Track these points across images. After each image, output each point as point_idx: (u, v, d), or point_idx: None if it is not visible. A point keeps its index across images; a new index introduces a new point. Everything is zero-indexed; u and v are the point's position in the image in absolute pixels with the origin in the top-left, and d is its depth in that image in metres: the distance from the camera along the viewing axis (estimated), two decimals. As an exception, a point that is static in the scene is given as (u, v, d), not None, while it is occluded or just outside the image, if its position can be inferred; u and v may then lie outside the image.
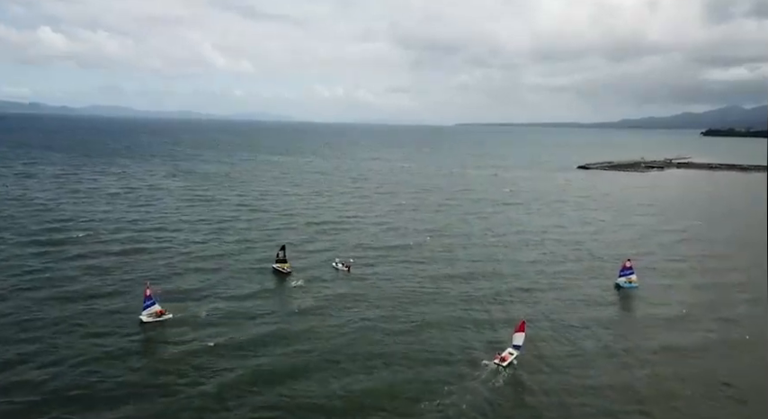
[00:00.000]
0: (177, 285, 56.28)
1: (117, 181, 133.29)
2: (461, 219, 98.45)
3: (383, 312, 50.97)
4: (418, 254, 71.90)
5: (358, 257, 68.29)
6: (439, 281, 60.84)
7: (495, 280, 61.92)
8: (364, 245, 76.28)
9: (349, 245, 75.30)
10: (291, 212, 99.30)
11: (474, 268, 66.63)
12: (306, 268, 64.08)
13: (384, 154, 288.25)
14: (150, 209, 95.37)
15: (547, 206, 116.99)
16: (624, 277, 61.60)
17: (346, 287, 57.81)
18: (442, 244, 78.48)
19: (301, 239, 78.01)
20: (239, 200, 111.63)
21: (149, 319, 46.48)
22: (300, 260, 66.67)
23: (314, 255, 69.65)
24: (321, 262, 66.39)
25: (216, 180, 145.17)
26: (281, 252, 62.15)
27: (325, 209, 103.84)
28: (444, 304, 53.87)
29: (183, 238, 75.50)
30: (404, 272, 63.65)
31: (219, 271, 61.37)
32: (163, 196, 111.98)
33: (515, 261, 70.49)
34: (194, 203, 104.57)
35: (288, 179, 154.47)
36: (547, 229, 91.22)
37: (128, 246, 70.03)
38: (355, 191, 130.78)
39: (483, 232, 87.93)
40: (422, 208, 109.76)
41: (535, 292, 58.34)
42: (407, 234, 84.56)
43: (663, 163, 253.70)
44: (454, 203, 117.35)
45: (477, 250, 75.98)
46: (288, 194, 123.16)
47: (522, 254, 74.43)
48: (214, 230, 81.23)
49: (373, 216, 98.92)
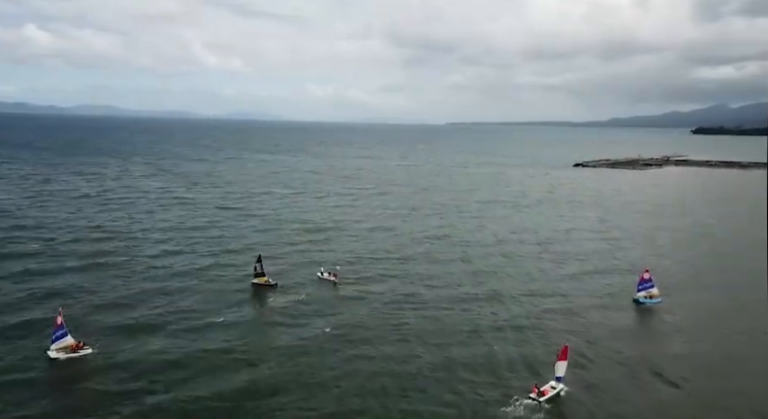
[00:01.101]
0: (128, 310, 46.73)
1: (90, 182, 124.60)
2: (465, 222, 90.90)
3: (382, 341, 42.78)
4: (420, 265, 64.13)
5: (351, 270, 60.78)
6: (444, 298, 53.37)
7: (513, 296, 54.49)
8: (358, 253, 68.57)
9: (339, 253, 67.81)
10: (277, 216, 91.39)
11: (483, 281, 59.17)
12: (290, 279, 56.61)
13: (377, 152, 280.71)
14: (120, 214, 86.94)
15: (554, 207, 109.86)
16: (644, 291, 53.99)
17: (336, 307, 49.95)
18: (447, 251, 70.75)
19: (287, 246, 70.33)
20: (221, 202, 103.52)
21: (60, 355, 37.34)
22: (285, 271, 59.24)
23: (300, 265, 62.05)
24: (308, 273, 58.93)
25: (198, 180, 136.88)
26: (258, 264, 54.50)
27: (314, 212, 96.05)
28: (452, 326, 46.17)
29: (150, 249, 66.79)
30: (404, 289, 55.82)
31: (186, 291, 52.80)
32: (137, 198, 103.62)
33: (530, 272, 62.91)
34: (170, 206, 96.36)
35: (276, 179, 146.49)
36: (559, 233, 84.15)
37: (85, 261, 60.80)
38: (348, 192, 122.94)
39: (490, 237, 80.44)
40: (421, 209, 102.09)
41: (561, 311, 51.04)
42: (406, 240, 76.84)
43: (661, 160, 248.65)
44: (455, 203, 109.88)
45: (483, 259, 68.61)
46: (275, 195, 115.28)
47: (535, 263, 66.90)
48: (188, 238, 72.90)
49: (368, 219, 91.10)
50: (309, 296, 52.29)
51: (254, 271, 54.36)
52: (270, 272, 55.73)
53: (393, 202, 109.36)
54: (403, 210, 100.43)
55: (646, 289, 54.16)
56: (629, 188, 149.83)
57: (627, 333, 46.68)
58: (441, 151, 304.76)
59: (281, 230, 79.94)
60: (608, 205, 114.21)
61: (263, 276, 54.15)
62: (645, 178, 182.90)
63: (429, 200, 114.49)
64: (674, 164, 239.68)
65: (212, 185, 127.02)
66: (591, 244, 77.69)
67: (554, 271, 63.71)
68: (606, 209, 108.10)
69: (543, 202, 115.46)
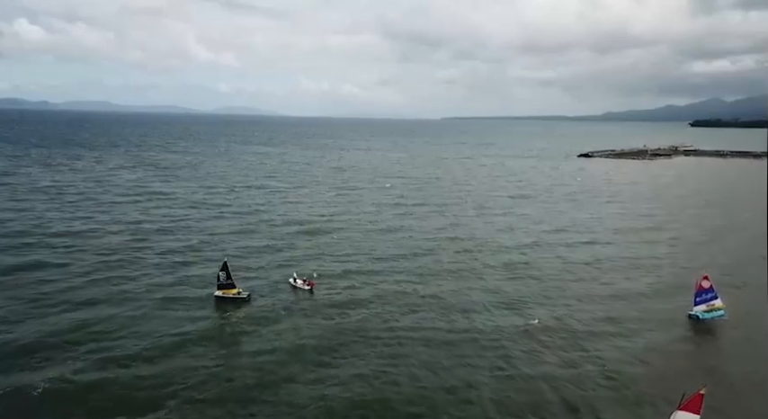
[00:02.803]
0: (42, 333, 35.43)
1: (55, 173, 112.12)
2: (479, 219, 78.47)
3: (370, 380, 31.22)
4: (423, 274, 51.80)
5: (335, 276, 49.39)
6: (457, 311, 41.87)
7: (553, 314, 43.08)
8: (346, 255, 56.74)
9: (326, 255, 56.23)
10: (260, 212, 79.08)
11: (509, 289, 47.72)
12: (263, 288, 45.19)
13: (373, 144, 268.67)
14: (75, 210, 74.58)
15: (578, 200, 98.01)
16: (703, 304, 41.70)
17: (312, 328, 38.13)
18: (458, 257, 58.02)
19: (265, 248, 58.43)
20: (197, 195, 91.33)
21: None
22: (258, 278, 47.88)
23: (278, 269, 50.45)
24: (284, 279, 47.51)
25: (177, 171, 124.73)
26: (222, 272, 42.64)
27: (302, 207, 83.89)
28: (477, 360, 34.18)
29: (97, 251, 54.40)
30: (407, 301, 44.24)
31: (129, 302, 41.06)
32: (103, 191, 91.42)
33: (563, 280, 51.33)
34: (138, 200, 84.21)
35: (264, 171, 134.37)
36: (584, 228, 73.03)
37: (22, 258, 49.83)
38: (342, 185, 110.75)
39: (507, 234, 68.68)
40: (424, 204, 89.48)
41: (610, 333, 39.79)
42: (408, 240, 64.66)
43: (669, 150, 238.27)
44: (463, 197, 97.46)
45: (502, 259, 57.25)
46: (259, 188, 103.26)
47: (567, 267, 55.56)
48: (148, 238, 60.64)
49: (363, 215, 79.09)
50: (279, 308, 41.14)
51: (218, 280, 42.64)
52: (242, 281, 44.33)
53: (391, 196, 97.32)
54: (403, 205, 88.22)
55: (706, 302, 41.84)
56: (646, 178, 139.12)
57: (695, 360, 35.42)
58: (439, 143, 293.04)
59: (261, 229, 67.64)
60: (640, 197, 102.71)
61: (232, 287, 42.48)
62: (659, 168, 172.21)
63: (432, 193, 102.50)
64: (684, 155, 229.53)
65: (194, 178, 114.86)
66: (641, 244, 66.19)
67: (610, 279, 52.43)
68: (642, 202, 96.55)
69: (564, 195, 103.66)
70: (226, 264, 43.03)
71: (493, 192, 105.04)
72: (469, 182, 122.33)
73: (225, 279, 42.33)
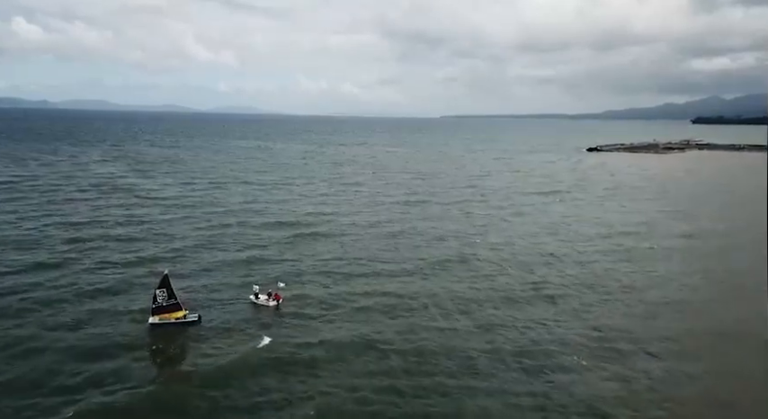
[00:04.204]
0: None
1: (19, 167, 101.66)
2: (507, 217, 67.44)
3: None
4: (426, 285, 41.36)
5: (314, 284, 39.68)
6: (462, 356, 31.84)
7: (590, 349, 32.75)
8: (333, 260, 46.37)
9: (308, 260, 46.02)
10: (237, 209, 68.17)
11: (543, 311, 37.75)
12: (219, 306, 34.90)
13: (373, 140, 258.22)
14: (19, 207, 64.06)
15: (609, 195, 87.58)
16: None
17: (275, 361, 28.12)
18: (470, 264, 47.36)
19: (229, 254, 47.74)
20: (168, 191, 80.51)
21: None
22: (217, 291, 37.71)
23: (243, 281, 39.86)
24: (247, 295, 37.06)
25: (158, 166, 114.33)
26: (161, 291, 31.79)
27: (290, 204, 73.02)
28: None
29: (22, 262, 43.39)
30: (411, 321, 34.24)
31: (26, 346, 30.59)
32: (66, 186, 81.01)
33: (611, 295, 41.13)
34: (101, 196, 73.57)
35: (253, 165, 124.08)
36: (624, 230, 62.48)
37: None
38: (337, 180, 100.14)
39: (533, 237, 57.21)
40: (429, 200, 79.05)
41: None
42: (409, 242, 53.90)
43: (682, 144, 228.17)
44: (472, 193, 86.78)
45: (530, 265, 46.93)
46: (244, 183, 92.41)
47: (618, 280, 44.96)
48: (95, 241, 49.74)
49: (358, 212, 68.31)
50: (237, 334, 31.13)
51: (154, 302, 31.82)
52: (193, 300, 34.10)
53: (394, 193, 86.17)
54: (411, 203, 77.30)
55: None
56: (666, 172, 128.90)
57: None
58: (441, 139, 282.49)
59: (230, 231, 56.10)
60: (668, 193, 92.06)
61: (176, 309, 31.90)
62: (676, 161, 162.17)
63: (436, 189, 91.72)
64: (698, 148, 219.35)
65: (175, 172, 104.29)
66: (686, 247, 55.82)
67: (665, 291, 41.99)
68: (672, 198, 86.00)
69: (605, 191, 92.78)
70: (166, 279, 32.19)
71: (516, 188, 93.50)
72: (487, 177, 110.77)
73: (165, 299, 31.59)
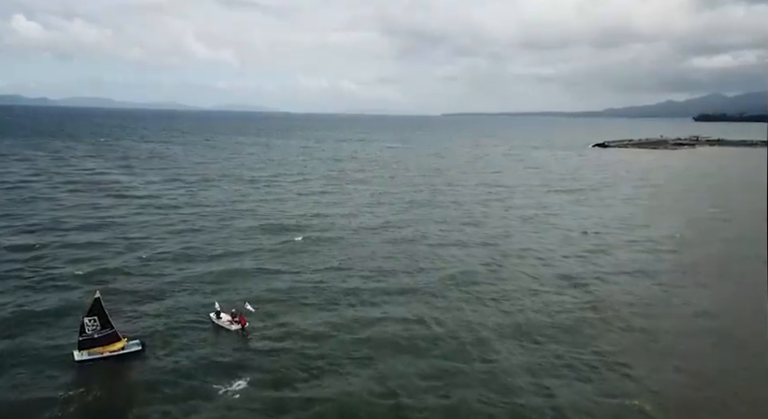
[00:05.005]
0: None
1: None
2: (518, 219, 59.30)
3: None
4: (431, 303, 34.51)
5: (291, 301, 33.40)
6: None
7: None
8: (339, 273, 39.70)
9: (285, 271, 39.48)
10: (227, 210, 61.19)
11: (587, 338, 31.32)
12: (170, 333, 28.37)
13: (373, 136, 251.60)
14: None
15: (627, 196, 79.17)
16: None
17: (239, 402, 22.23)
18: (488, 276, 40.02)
19: (192, 264, 40.71)
20: (153, 189, 73.52)
21: None
22: (167, 314, 31.00)
23: (203, 298, 33.37)
24: (206, 315, 30.77)
25: (145, 161, 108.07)
26: (91, 319, 24.82)
27: (281, 204, 65.78)
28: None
29: None
30: (434, 364, 27.93)
31: None
32: (36, 183, 74.59)
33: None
34: (71, 194, 66.66)
35: (246, 161, 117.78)
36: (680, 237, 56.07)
37: None
38: (336, 177, 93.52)
39: (571, 245, 49.43)
40: (434, 199, 72.08)
41: None
42: (424, 251, 46.33)
43: (691, 140, 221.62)
44: (482, 191, 79.43)
45: (575, 279, 40.54)
46: (236, 180, 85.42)
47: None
48: (48, 249, 42.59)
49: (361, 214, 60.82)
50: (189, 367, 24.69)
51: (82, 333, 24.79)
52: (143, 322, 27.98)
53: (395, 190, 79.22)
54: (411, 202, 70.19)
55: None
56: (683, 168, 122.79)
57: None
58: (443, 136, 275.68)
59: (200, 236, 48.36)
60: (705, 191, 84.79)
61: (113, 340, 25.05)
62: (694, 158, 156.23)
63: (447, 187, 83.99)
64: (708, 144, 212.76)
65: (162, 168, 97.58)
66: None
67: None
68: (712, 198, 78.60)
69: (615, 188, 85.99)
70: (98, 303, 25.12)
71: (535, 186, 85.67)
72: (500, 174, 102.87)
73: (97, 329, 24.68)
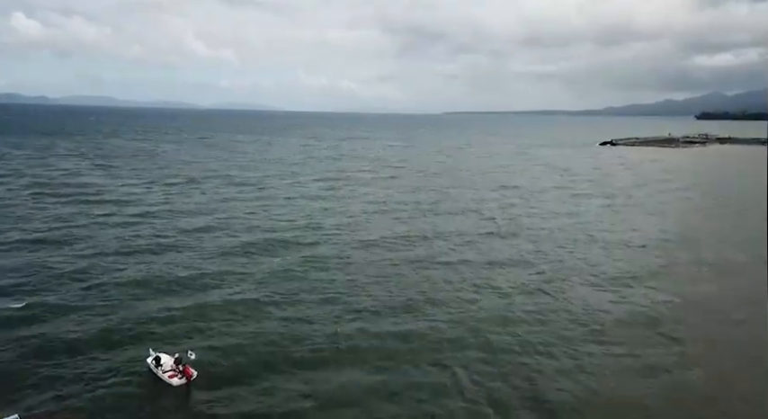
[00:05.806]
0: None
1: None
2: (549, 230, 49.61)
3: None
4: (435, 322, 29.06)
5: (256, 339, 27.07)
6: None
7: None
8: (328, 306, 33.41)
9: (280, 308, 32.86)
10: (203, 218, 53.56)
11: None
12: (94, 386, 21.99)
13: (374, 134, 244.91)
14: None
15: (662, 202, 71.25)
16: None
17: None
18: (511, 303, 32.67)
19: (167, 296, 33.56)
20: (126, 191, 66.30)
21: None
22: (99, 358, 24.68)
23: (147, 338, 27.29)
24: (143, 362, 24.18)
25: (129, 160, 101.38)
26: None
27: (269, 209, 58.13)
28: None
29: None
30: None
31: None
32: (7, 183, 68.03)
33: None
34: (31, 199, 59.08)
35: (240, 160, 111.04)
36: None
37: None
38: (333, 178, 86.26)
39: (618, 260, 41.40)
40: (440, 203, 64.96)
41: None
42: (440, 275, 37.68)
43: (701, 138, 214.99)
44: (506, 194, 71.19)
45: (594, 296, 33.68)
46: (224, 182, 78.28)
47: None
48: None
49: (351, 223, 53.50)
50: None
51: None
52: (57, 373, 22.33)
53: (394, 195, 71.19)
54: (420, 209, 62.22)
55: None
56: (710, 167, 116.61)
57: None
58: (446, 133, 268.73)
59: (177, 252, 40.07)
60: None
61: None
62: (715, 156, 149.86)
63: (454, 189, 76.22)
64: (719, 142, 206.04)
65: (145, 169, 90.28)
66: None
67: None
68: None
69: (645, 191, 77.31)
70: None
71: (554, 188, 77.02)
72: (516, 175, 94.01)
73: None
